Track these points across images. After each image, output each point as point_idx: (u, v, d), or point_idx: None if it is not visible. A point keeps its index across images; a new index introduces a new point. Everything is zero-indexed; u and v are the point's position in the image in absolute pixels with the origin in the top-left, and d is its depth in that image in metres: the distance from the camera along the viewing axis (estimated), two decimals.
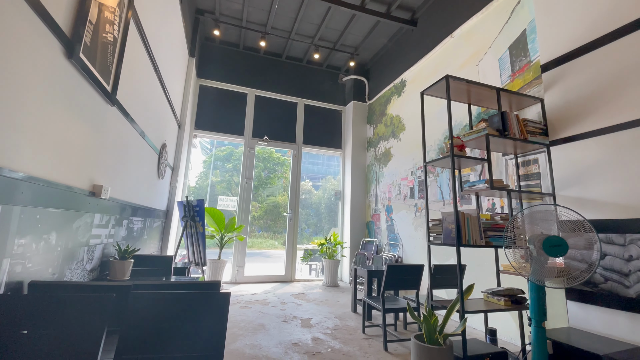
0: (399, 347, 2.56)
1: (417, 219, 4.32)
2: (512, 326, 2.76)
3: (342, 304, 3.94)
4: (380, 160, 5.49)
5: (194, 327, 1.22)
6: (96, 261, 2.09)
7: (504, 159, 3.17)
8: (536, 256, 1.88)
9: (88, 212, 1.88)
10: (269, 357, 2.25)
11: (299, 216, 5.82)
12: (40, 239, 1.43)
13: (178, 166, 4.79)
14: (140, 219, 3.07)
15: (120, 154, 2.39)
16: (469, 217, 2.24)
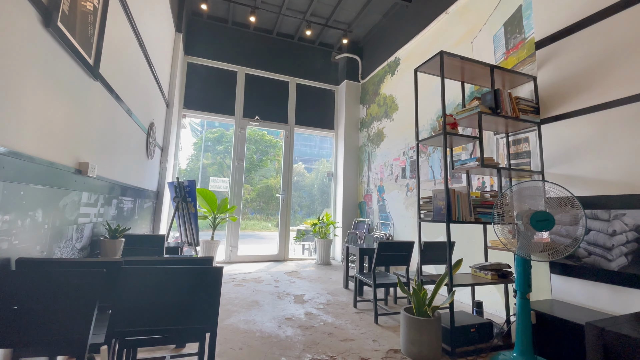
0: (389, 320, 2.65)
1: (408, 198, 4.37)
2: (497, 299, 2.86)
3: (334, 280, 4.03)
4: (373, 140, 5.47)
5: (187, 300, 1.23)
6: (86, 240, 2.06)
7: (495, 138, 3.18)
8: (523, 231, 1.93)
9: (75, 190, 1.84)
10: (262, 332, 2.31)
11: (291, 197, 5.83)
12: (26, 216, 1.39)
13: (167, 146, 4.70)
14: (130, 199, 3.03)
15: (107, 131, 2.32)
16: (459, 194, 2.26)
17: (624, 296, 1.97)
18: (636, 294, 1.91)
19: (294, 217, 6.78)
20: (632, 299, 1.92)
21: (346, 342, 2.18)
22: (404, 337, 2.03)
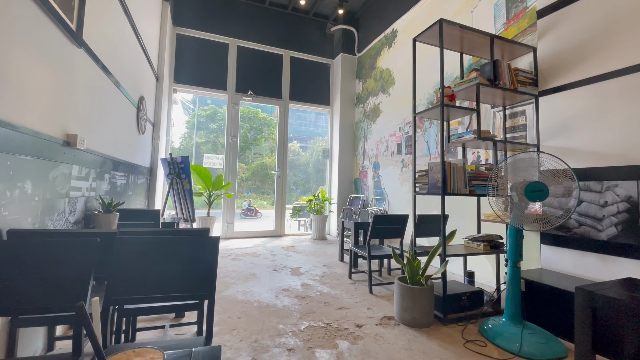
0: (383, 290, 2.72)
1: (403, 174, 4.38)
2: (488, 270, 2.94)
3: (330, 254, 4.10)
4: (369, 116, 5.40)
5: (184, 269, 1.23)
6: (79, 214, 2.04)
7: (492, 112, 3.15)
8: (517, 202, 1.95)
9: (64, 163, 1.79)
10: (260, 302, 2.36)
11: (287, 174, 5.81)
12: (15, 187, 1.36)
13: (159, 122, 4.60)
14: (122, 174, 2.98)
15: (95, 103, 2.24)
16: (454, 166, 2.26)
17: (611, 265, 2.03)
18: (623, 263, 1.96)
19: (290, 196, 6.79)
20: (620, 267, 1.98)
21: (341, 310, 2.25)
22: (397, 305, 2.09)
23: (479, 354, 1.71)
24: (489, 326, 1.94)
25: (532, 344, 1.73)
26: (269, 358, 1.60)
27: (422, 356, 1.66)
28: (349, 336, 1.86)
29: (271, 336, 1.83)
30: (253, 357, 1.60)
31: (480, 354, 1.71)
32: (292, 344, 1.74)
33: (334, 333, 1.89)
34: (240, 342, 1.74)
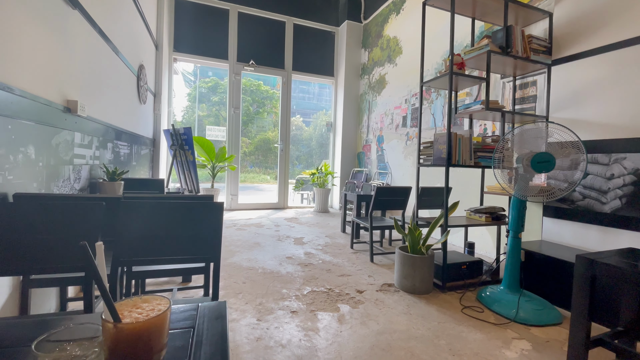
0: (384, 259, 2.78)
1: (408, 147, 4.33)
2: (488, 241, 2.98)
3: (332, 226, 4.16)
4: (374, 88, 5.27)
5: (190, 233, 1.25)
6: (84, 181, 2.06)
7: (502, 82, 3.06)
8: (522, 174, 1.93)
9: (66, 129, 1.78)
10: (264, 268, 2.42)
11: (289, 147, 5.77)
12: (18, 152, 1.36)
13: (160, 92, 4.52)
14: (125, 144, 2.98)
15: (94, 69, 2.19)
16: (461, 137, 2.22)
17: (613, 237, 2.04)
18: (625, 235, 1.97)
19: (292, 171, 6.79)
20: (621, 239, 1.99)
21: (343, 277, 2.31)
22: (397, 273, 2.14)
23: (476, 319, 1.77)
24: (486, 294, 1.99)
25: (528, 311, 1.78)
26: (274, 319, 1.66)
27: (420, 320, 1.72)
28: (350, 301, 1.92)
29: (275, 300, 1.89)
30: (258, 318, 1.67)
31: (477, 319, 1.76)
32: (296, 307, 1.81)
33: (335, 298, 1.95)
34: (246, 305, 1.81)
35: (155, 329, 0.40)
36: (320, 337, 1.52)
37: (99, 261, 0.37)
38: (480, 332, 1.63)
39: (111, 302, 0.37)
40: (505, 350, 1.48)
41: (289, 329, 1.58)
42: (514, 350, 1.49)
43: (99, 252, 0.38)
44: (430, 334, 1.58)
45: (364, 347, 1.45)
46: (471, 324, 1.71)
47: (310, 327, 1.61)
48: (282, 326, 1.60)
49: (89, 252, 0.35)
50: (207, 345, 0.56)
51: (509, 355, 1.45)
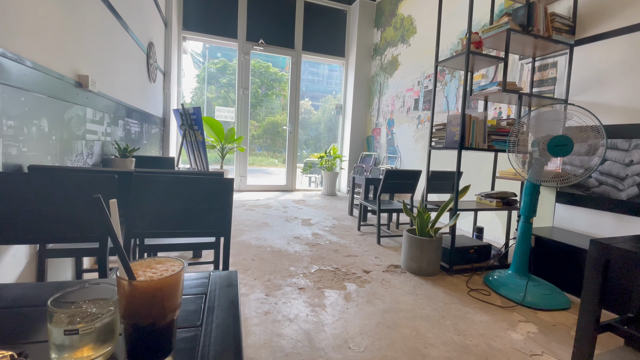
0: (390, 242, 2.78)
1: (419, 131, 4.25)
2: (497, 227, 2.95)
3: (340, 209, 4.17)
4: (386, 69, 5.14)
5: (201, 208, 1.26)
6: (97, 157, 2.08)
7: (520, 64, 2.94)
8: (538, 157, 1.88)
9: (78, 104, 1.79)
10: (273, 247, 2.46)
11: (298, 129, 5.73)
12: (31, 124, 1.37)
13: (169, 71, 4.50)
14: (136, 122, 2.99)
15: (104, 45, 2.17)
16: (475, 119, 2.17)
17: (627, 224, 1.99)
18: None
19: (300, 154, 6.76)
20: (635, 226, 1.95)
21: (350, 257, 2.33)
22: (404, 254, 2.15)
23: (482, 301, 1.77)
24: (494, 277, 1.99)
25: (536, 295, 1.77)
26: (282, 295, 1.69)
27: (426, 300, 1.73)
28: (357, 280, 1.94)
29: (283, 276, 1.92)
30: (266, 293, 1.70)
31: (484, 302, 1.77)
32: (303, 284, 1.84)
33: (342, 277, 1.98)
34: (255, 281, 1.85)
35: (169, 288, 0.40)
36: (327, 313, 1.55)
37: (113, 218, 0.37)
38: (486, 314, 1.64)
39: (126, 259, 0.37)
40: (510, 332, 1.49)
41: (297, 304, 1.61)
42: (519, 332, 1.49)
43: (113, 208, 0.37)
44: (436, 314, 1.60)
45: (370, 324, 1.47)
46: (477, 306, 1.72)
47: (317, 303, 1.64)
48: (289, 302, 1.63)
49: (103, 205, 0.35)
50: (220, 310, 0.57)
51: (514, 336, 1.45)
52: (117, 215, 0.38)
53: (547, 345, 1.41)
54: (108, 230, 0.36)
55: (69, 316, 0.41)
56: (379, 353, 1.27)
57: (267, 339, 1.32)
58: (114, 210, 0.38)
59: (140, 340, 0.40)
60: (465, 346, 1.36)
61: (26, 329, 0.49)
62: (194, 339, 0.48)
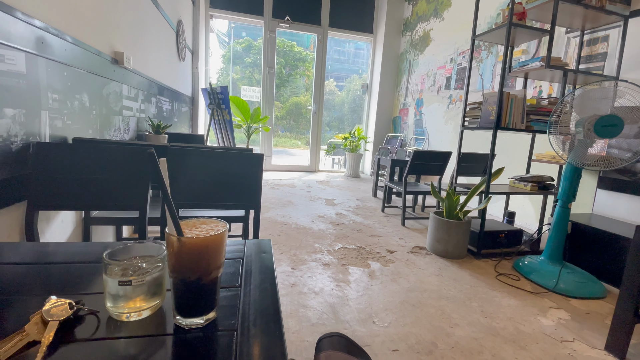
0: (416, 224, 2.75)
1: (450, 111, 4.08)
2: (530, 213, 2.83)
3: (363, 190, 4.15)
4: (417, 46, 4.91)
5: (231, 181, 1.29)
6: (132, 133, 2.17)
7: (566, 37, 2.71)
8: (582, 139, 1.76)
9: (115, 81, 1.86)
10: (297, 224, 2.50)
11: (323, 110, 5.66)
12: (74, 99, 1.44)
13: (197, 50, 4.54)
14: (167, 100, 3.07)
15: (136, 22, 2.21)
16: (513, 98, 2.04)
17: None
18: None
19: (323, 136, 6.71)
20: None
21: (374, 237, 2.33)
22: (430, 236, 2.12)
23: (511, 285, 1.73)
24: (524, 263, 1.93)
25: (569, 282, 1.70)
26: (307, 269, 1.74)
27: (452, 282, 1.72)
28: (381, 259, 1.95)
29: (308, 252, 1.97)
30: (292, 267, 1.75)
31: (512, 286, 1.73)
32: (327, 260, 1.87)
33: (366, 255, 1.99)
34: (281, 255, 1.90)
35: (215, 246, 0.42)
36: (351, 288, 1.58)
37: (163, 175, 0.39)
38: (514, 298, 1.60)
39: (175, 216, 0.39)
40: (540, 318, 1.45)
41: (322, 278, 1.65)
42: (550, 318, 1.45)
43: (162, 166, 0.39)
44: (462, 296, 1.58)
45: (394, 302, 1.48)
46: (505, 290, 1.68)
47: (342, 279, 1.66)
48: (314, 276, 1.67)
49: (156, 159, 0.37)
50: (257, 274, 0.59)
51: (544, 322, 1.42)
52: (167, 173, 0.40)
53: (580, 332, 1.36)
54: (160, 184, 0.38)
55: (122, 269, 0.44)
56: (404, 329, 1.28)
57: (293, 309, 1.37)
58: (164, 168, 0.40)
59: (187, 294, 0.43)
60: (492, 328, 1.34)
61: (81, 281, 0.53)
62: (234, 298, 0.50)
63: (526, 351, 1.22)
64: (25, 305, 0.45)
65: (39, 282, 0.53)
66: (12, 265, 0.57)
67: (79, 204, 1.18)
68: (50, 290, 0.49)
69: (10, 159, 1.08)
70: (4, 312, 0.43)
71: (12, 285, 0.51)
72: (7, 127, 1.06)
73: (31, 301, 0.46)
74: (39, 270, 0.56)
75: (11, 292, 0.48)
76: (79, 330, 0.40)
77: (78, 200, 1.15)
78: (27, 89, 1.14)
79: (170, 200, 0.39)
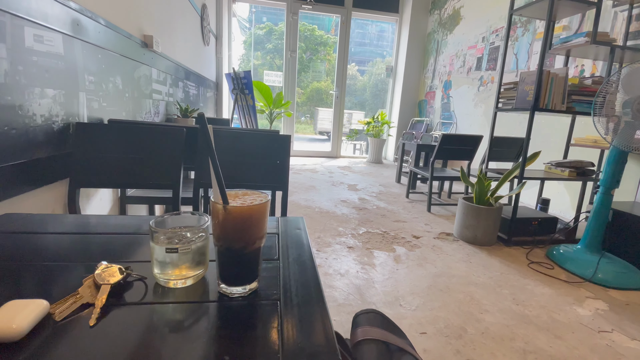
0: (442, 210, 2.69)
1: (480, 94, 3.89)
2: (565, 200, 2.69)
3: (386, 176, 4.09)
4: (446, 25, 4.67)
5: (260, 162, 1.30)
6: (162, 116, 2.23)
7: (613, 11, 2.48)
8: (630, 121, 1.63)
9: (145, 64, 1.89)
10: (321, 208, 2.51)
11: (345, 94, 5.56)
12: (108, 81, 1.48)
13: (221, 35, 4.54)
14: (193, 84, 3.11)
15: (164, 5, 2.23)
16: (554, 77, 1.91)
17: None
18: None
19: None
20: None
21: (398, 222, 2.30)
22: (458, 223, 2.06)
23: (544, 274, 1.67)
24: (559, 251, 1.84)
25: (608, 272, 1.61)
26: (332, 251, 1.75)
27: (481, 269, 1.67)
28: (406, 244, 1.93)
29: (332, 235, 1.97)
30: (317, 249, 1.77)
31: (546, 275, 1.66)
32: (352, 244, 1.87)
33: (391, 240, 1.97)
34: None
35: (258, 215, 0.42)
36: (376, 271, 1.57)
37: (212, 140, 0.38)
38: (548, 287, 1.54)
39: (222, 184, 0.39)
40: (576, 307, 1.39)
41: (347, 261, 1.65)
42: (587, 308, 1.39)
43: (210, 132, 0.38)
44: (492, 283, 1.54)
45: (421, 286, 1.46)
46: (538, 278, 1.62)
47: (367, 262, 1.66)
48: (339, 258, 1.68)
49: (205, 121, 0.36)
50: (293, 248, 0.59)
51: (580, 312, 1.36)
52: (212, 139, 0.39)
53: (618, 323, 1.30)
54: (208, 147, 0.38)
55: (167, 237, 0.45)
56: (431, 313, 1.27)
57: None
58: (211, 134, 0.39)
59: (232, 262, 0.43)
60: (524, 316, 1.30)
61: (126, 250, 0.55)
62: (274, 270, 0.50)
63: (561, 340, 1.18)
64: (76, 271, 0.47)
65: (87, 250, 0.55)
66: (62, 235, 0.60)
67: (116, 182, 1.23)
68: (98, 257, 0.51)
69: (53, 138, 1.13)
70: (58, 277, 0.45)
71: (62, 252, 0.53)
72: (49, 107, 1.10)
73: (82, 267, 0.48)
74: (86, 240, 0.59)
75: (62, 258, 0.51)
76: (128, 295, 0.42)
77: (115, 178, 1.20)
78: (65, 70, 1.18)
79: (218, 166, 0.39)
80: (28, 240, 0.56)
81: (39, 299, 0.36)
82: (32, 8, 0.99)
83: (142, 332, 0.35)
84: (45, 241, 0.57)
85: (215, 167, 0.39)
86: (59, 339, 0.33)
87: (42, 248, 0.54)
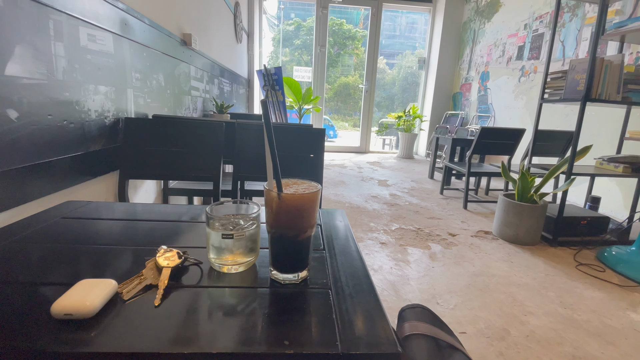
0: (479, 207, 2.57)
1: (521, 85, 3.67)
2: (617, 199, 2.48)
3: (418, 171, 3.98)
4: (483, 13, 4.44)
5: (294, 155, 1.31)
6: (200, 112, 2.31)
7: None
8: None
9: (184, 62, 1.96)
10: (351, 203, 2.50)
11: (375, 88, 5.47)
12: (152, 78, 1.56)
13: (253, 32, 4.62)
14: (227, 81, 3.19)
15: (200, 3, 2.30)
16: (608, 64, 1.75)
17: None
18: None
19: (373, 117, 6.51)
20: None
21: (432, 219, 2.23)
22: (498, 220, 1.97)
23: (594, 277, 1.55)
24: (611, 253, 1.71)
25: None
26: (364, 247, 1.73)
27: (524, 269, 1.58)
28: (442, 242, 1.87)
29: (364, 231, 1.95)
30: None
31: (596, 278, 1.54)
32: (384, 240, 1.84)
33: (425, 237, 1.92)
34: None
35: (310, 204, 0.42)
36: (411, 268, 1.54)
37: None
38: (599, 290, 1.43)
39: (278, 172, 0.39)
40: (630, 313, 1.28)
41: (380, 257, 1.63)
42: None
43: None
44: (536, 284, 1.45)
45: (459, 285, 1.42)
46: (587, 281, 1.51)
47: (401, 258, 1.63)
48: (372, 254, 1.66)
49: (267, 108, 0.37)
50: (337, 239, 0.59)
51: (635, 318, 1.25)
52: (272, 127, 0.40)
53: None
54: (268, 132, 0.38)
55: (222, 224, 0.46)
56: (471, 313, 1.22)
57: None
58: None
59: (284, 249, 0.44)
60: (572, 320, 1.22)
61: (180, 236, 0.58)
62: (321, 260, 0.50)
63: (614, 346, 1.10)
64: (135, 254, 0.50)
65: (143, 235, 0.58)
66: (119, 221, 0.64)
67: (161, 174, 1.29)
68: (154, 242, 0.54)
69: (105, 132, 1.20)
70: (120, 259, 0.48)
71: (121, 237, 0.57)
72: (102, 103, 1.18)
73: (141, 251, 0.51)
74: (140, 225, 0.62)
75: (122, 242, 0.54)
76: (186, 278, 0.44)
77: (160, 170, 1.26)
78: (115, 68, 1.25)
79: (276, 154, 0.40)
80: (90, 226, 0.60)
81: (108, 279, 0.39)
82: (85, 8, 1.06)
83: (203, 313, 0.37)
84: (104, 226, 0.61)
85: (273, 155, 0.39)
86: (128, 317, 0.35)
87: (103, 232, 0.58)
